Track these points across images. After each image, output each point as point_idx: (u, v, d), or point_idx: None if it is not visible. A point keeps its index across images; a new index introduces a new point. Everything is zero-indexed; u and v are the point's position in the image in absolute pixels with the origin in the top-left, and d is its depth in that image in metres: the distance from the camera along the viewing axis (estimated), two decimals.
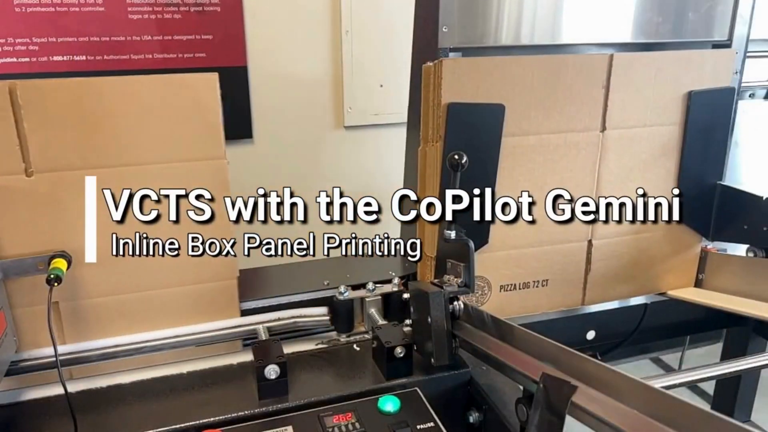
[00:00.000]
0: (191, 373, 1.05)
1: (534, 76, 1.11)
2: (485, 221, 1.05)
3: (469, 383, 1.03)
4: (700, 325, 1.44)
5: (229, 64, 2.15)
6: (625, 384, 0.69)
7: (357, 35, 2.27)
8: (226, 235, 1.03)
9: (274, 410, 0.93)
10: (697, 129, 1.23)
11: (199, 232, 1.01)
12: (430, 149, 1.12)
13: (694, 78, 1.21)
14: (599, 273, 1.27)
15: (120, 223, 0.98)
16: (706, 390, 2.25)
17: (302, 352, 1.11)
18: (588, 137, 1.18)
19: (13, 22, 1.91)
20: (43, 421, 0.93)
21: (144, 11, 2.02)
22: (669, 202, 1.14)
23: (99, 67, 2.02)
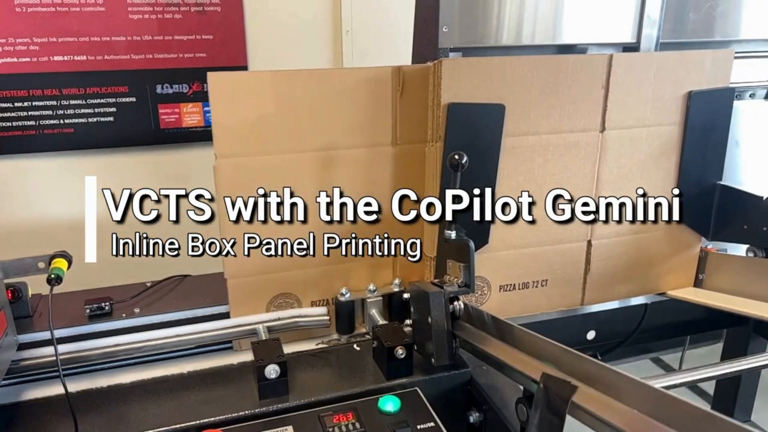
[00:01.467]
0: (191, 372, 1.05)
1: (533, 76, 1.11)
2: (485, 221, 1.05)
3: (470, 383, 1.03)
4: (701, 325, 1.44)
5: (230, 64, 2.15)
6: (625, 384, 0.69)
7: (357, 35, 2.27)
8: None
9: (274, 410, 0.93)
10: (696, 129, 1.23)
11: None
12: (430, 149, 1.13)
13: (694, 78, 1.21)
14: (599, 273, 1.27)
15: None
16: (706, 390, 2.26)
17: (302, 352, 1.11)
18: (588, 137, 1.18)
19: (14, 22, 1.91)
20: (44, 420, 0.93)
21: (144, 11, 2.02)
22: (669, 202, 1.14)
23: (99, 66, 2.02)
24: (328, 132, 1.06)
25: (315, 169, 1.07)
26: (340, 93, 1.05)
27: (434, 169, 1.12)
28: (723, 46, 1.46)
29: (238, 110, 1.00)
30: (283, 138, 1.04)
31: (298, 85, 1.03)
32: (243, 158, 1.03)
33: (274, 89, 1.01)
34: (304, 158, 1.06)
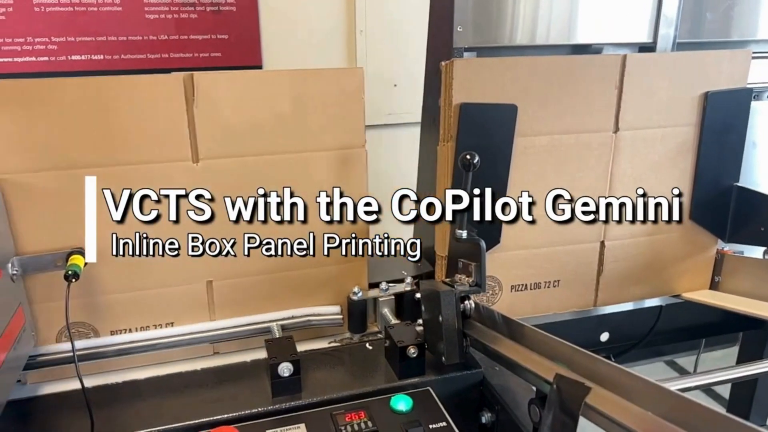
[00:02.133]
0: (205, 369, 1.06)
1: (546, 77, 1.11)
2: (497, 221, 1.05)
3: (482, 383, 1.03)
4: (716, 328, 1.42)
5: (245, 63, 2.16)
6: (639, 386, 0.68)
7: (371, 35, 2.27)
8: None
9: (287, 407, 0.94)
10: (713, 130, 1.22)
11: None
12: (442, 149, 1.12)
13: (710, 78, 1.20)
14: (612, 274, 1.26)
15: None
16: (721, 394, 2.23)
17: (315, 351, 1.12)
18: (601, 138, 1.17)
19: (33, 21, 1.94)
20: (60, 415, 0.95)
21: (161, 11, 2.04)
22: (681, 202, 1.13)
23: (116, 66, 2.04)
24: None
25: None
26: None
27: (446, 169, 1.12)
28: (740, 47, 1.45)
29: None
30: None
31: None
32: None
33: None
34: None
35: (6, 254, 0.93)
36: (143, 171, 0.99)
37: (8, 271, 0.92)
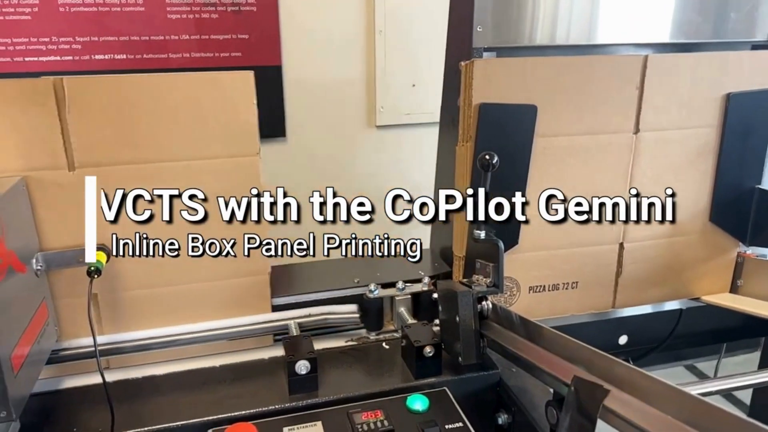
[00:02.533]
0: (223, 366, 1.07)
1: (566, 77, 1.10)
2: (515, 222, 1.04)
3: (499, 384, 1.03)
4: (737, 333, 1.41)
5: (265, 63, 2.18)
6: (658, 389, 0.68)
7: (390, 35, 2.27)
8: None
9: (304, 405, 0.94)
10: (735, 132, 1.20)
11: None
12: (461, 149, 1.12)
13: (733, 80, 1.18)
14: (631, 276, 1.25)
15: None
16: (742, 399, 2.20)
17: (332, 349, 1.12)
18: (621, 139, 1.16)
19: (58, 21, 1.97)
20: (82, 408, 0.96)
21: (182, 11, 2.06)
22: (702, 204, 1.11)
23: (139, 65, 2.07)
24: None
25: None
26: None
27: (465, 169, 1.12)
28: (765, 48, 1.43)
29: None
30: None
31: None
32: None
33: None
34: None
35: (31, 250, 0.95)
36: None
37: (33, 267, 0.94)
